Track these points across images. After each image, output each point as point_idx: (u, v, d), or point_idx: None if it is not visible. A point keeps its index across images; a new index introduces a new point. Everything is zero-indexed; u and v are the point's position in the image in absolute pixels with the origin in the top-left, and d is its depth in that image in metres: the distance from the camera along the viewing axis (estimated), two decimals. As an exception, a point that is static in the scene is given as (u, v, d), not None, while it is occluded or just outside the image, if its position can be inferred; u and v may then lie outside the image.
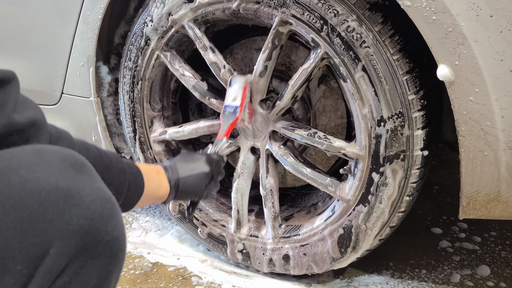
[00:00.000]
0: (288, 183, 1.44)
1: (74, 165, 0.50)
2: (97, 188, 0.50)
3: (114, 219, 0.50)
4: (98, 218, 0.48)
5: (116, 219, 0.51)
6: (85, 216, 0.47)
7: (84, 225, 0.47)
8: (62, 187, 0.47)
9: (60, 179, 0.47)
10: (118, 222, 0.51)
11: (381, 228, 1.08)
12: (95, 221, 0.48)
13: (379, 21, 0.92)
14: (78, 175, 0.49)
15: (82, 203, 0.47)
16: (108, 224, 0.49)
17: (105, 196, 0.51)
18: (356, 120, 1.01)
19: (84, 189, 0.48)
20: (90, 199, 0.48)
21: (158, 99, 1.30)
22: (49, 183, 0.46)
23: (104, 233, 0.49)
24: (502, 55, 0.79)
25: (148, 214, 1.68)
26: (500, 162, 0.87)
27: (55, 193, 0.46)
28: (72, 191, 0.47)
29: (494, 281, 1.25)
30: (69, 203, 0.46)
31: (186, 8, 1.10)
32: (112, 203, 0.51)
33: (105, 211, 0.49)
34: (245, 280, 1.30)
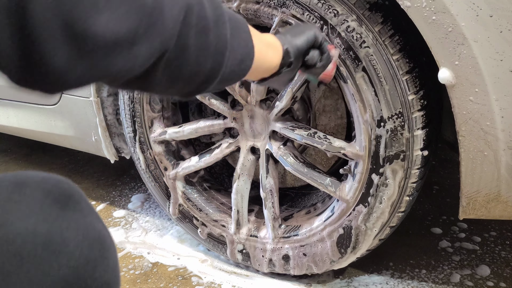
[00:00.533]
0: (288, 183, 1.44)
1: (58, 200, 0.44)
2: (84, 227, 0.44)
3: (104, 262, 0.44)
4: (84, 265, 0.42)
5: (107, 262, 0.45)
6: (68, 265, 0.41)
7: (67, 275, 0.41)
8: (41, 232, 0.40)
9: (40, 221, 0.41)
10: (109, 265, 0.45)
11: (381, 228, 1.08)
12: (80, 268, 0.42)
13: (379, 21, 0.92)
14: (62, 212, 0.43)
15: (64, 249, 0.41)
16: (97, 269, 0.43)
17: (93, 234, 0.44)
18: (356, 121, 1.01)
19: (68, 230, 0.42)
20: (74, 243, 0.42)
21: (158, 99, 1.30)
22: (27, 227, 0.40)
23: (91, 280, 0.43)
24: (502, 55, 0.79)
25: (148, 214, 1.68)
26: (500, 162, 0.87)
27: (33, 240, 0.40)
28: (53, 235, 0.41)
29: (494, 281, 1.25)
30: (49, 250, 0.40)
31: (186, 8, 1.10)
32: (101, 242, 0.45)
33: (92, 254, 0.43)
34: (245, 280, 1.30)
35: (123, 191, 1.87)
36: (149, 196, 1.80)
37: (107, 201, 1.79)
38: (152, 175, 1.36)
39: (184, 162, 1.32)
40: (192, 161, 1.30)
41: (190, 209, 1.35)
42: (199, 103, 1.44)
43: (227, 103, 1.21)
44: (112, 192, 1.86)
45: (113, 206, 1.76)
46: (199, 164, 1.29)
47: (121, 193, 1.85)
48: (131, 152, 1.38)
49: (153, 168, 1.35)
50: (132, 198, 1.80)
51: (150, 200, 1.78)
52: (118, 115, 1.40)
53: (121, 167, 2.02)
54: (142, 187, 1.88)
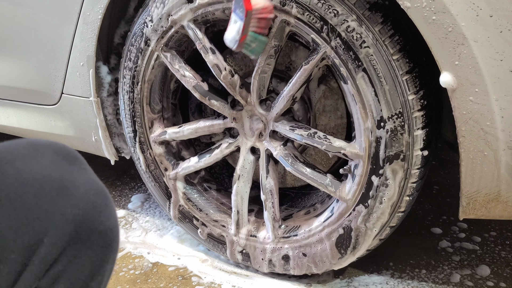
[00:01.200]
0: (288, 183, 1.44)
1: (67, 158, 0.50)
2: (90, 180, 0.51)
3: (107, 210, 0.51)
4: (91, 209, 0.49)
5: (109, 210, 0.51)
6: (78, 206, 0.47)
7: (77, 215, 0.47)
8: (56, 178, 0.47)
9: (54, 170, 0.48)
10: (111, 213, 0.52)
11: (381, 228, 1.08)
12: (88, 211, 0.48)
13: (379, 21, 0.92)
14: (71, 166, 0.50)
15: (75, 194, 0.48)
16: (102, 214, 0.50)
17: (97, 187, 0.51)
18: (356, 122, 1.01)
19: (77, 180, 0.49)
20: (83, 190, 0.49)
21: (158, 99, 1.30)
22: (43, 173, 0.47)
23: (97, 223, 0.49)
24: (502, 55, 0.79)
25: (148, 214, 1.68)
26: (500, 162, 0.87)
27: (48, 184, 0.47)
28: (65, 182, 0.48)
29: (494, 281, 1.25)
30: (63, 193, 0.47)
31: (186, 8, 1.10)
32: (105, 194, 0.52)
33: (98, 201, 0.50)
34: (245, 280, 1.30)
35: (123, 191, 1.87)
36: (149, 196, 1.80)
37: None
38: (152, 175, 1.36)
39: (184, 162, 1.32)
40: (192, 161, 1.30)
41: (190, 209, 1.35)
42: (199, 103, 1.44)
43: (227, 103, 1.21)
44: (112, 192, 1.86)
45: (113, 206, 1.75)
46: (199, 164, 1.29)
47: (121, 193, 1.85)
48: (131, 152, 1.38)
49: (153, 168, 1.35)
50: (132, 198, 1.80)
51: (150, 200, 1.78)
52: (118, 115, 1.40)
53: (121, 167, 2.02)
54: (142, 187, 1.88)
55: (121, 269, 1.38)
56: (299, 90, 1.07)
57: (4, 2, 1.38)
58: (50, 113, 1.46)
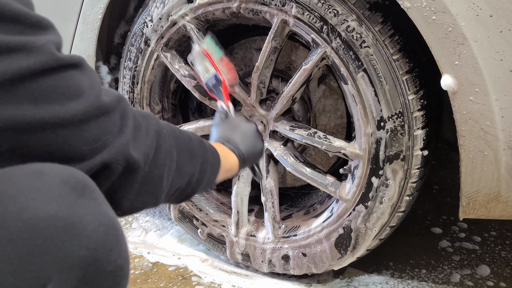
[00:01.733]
0: (288, 183, 1.44)
1: (76, 188, 0.47)
2: (100, 213, 0.48)
3: (118, 247, 0.48)
4: (101, 248, 0.46)
5: (120, 246, 0.48)
6: (87, 247, 0.44)
7: (85, 257, 0.44)
8: (63, 216, 0.44)
9: (61, 207, 0.44)
10: (122, 249, 0.49)
11: (381, 228, 1.08)
12: (98, 251, 0.45)
13: (379, 21, 0.92)
14: (80, 199, 0.47)
15: (83, 233, 0.45)
16: (112, 252, 0.47)
17: (108, 221, 0.48)
18: (356, 122, 1.01)
19: (86, 216, 0.46)
20: (92, 227, 0.45)
21: (158, 99, 1.30)
22: (49, 212, 0.43)
23: (107, 263, 0.46)
24: (502, 55, 0.79)
25: (148, 214, 1.68)
26: (500, 162, 0.87)
27: (54, 223, 0.43)
28: (73, 219, 0.44)
29: (494, 281, 1.25)
30: (70, 233, 0.44)
31: (186, 8, 1.10)
32: (116, 228, 0.49)
33: (108, 238, 0.47)
34: (245, 280, 1.30)
35: (123, 191, 1.86)
36: (149, 196, 1.80)
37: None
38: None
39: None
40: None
41: (191, 209, 1.35)
42: (199, 103, 1.44)
43: (227, 103, 1.21)
44: (112, 192, 1.86)
45: (113, 206, 1.75)
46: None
47: (121, 193, 1.85)
48: (131, 152, 1.38)
49: (153, 168, 1.35)
50: (132, 198, 1.80)
51: (150, 200, 1.78)
52: (118, 115, 1.40)
53: (121, 167, 2.01)
54: (142, 187, 1.88)
55: (121, 269, 1.38)
56: (299, 90, 1.07)
57: (4, 2, 1.37)
58: (50, 113, 1.46)
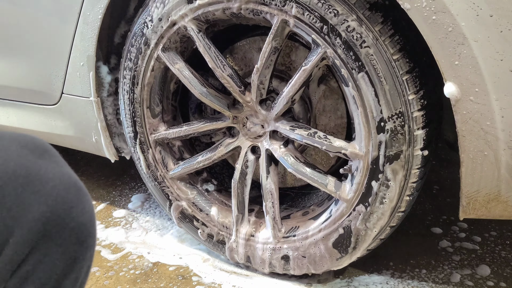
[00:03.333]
0: (288, 183, 1.44)
1: (35, 151, 0.48)
2: (60, 173, 0.48)
3: (79, 205, 0.48)
4: (61, 204, 0.46)
5: (82, 205, 0.49)
6: (46, 203, 0.45)
7: (45, 212, 0.45)
8: (21, 173, 0.45)
9: (19, 165, 0.45)
10: (85, 208, 0.49)
11: (381, 228, 1.08)
12: (58, 207, 0.46)
13: (379, 21, 0.92)
14: (40, 160, 0.47)
15: (42, 189, 0.45)
16: (73, 210, 0.47)
17: (69, 180, 0.48)
18: (357, 122, 1.01)
19: (45, 174, 0.46)
20: (52, 185, 0.46)
21: (158, 100, 1.30)
22: (7, 169, 0.44)
23: (68, 219, 0.47)
24: (502, 55, 0.79)
25: (148, 214, 1.68)
26: (500, 162, 0.87)
27: (13, 180, 0.44)
28: (31, 176, 0.45)
29: (494, 281, 1.25)
30: (29, 189, 0.44)
31: (186, 8, 1.10)
32: (77, 188, 0.49)
33: (69, 196, 0.47)
34: (246, 280, 1.30)
35: (123, 191, 1.87)
36: (149, 196, 1.80)
37: (107, 201, 1.79)
38: (152, 175, 1.36)
39: (184, 162, 1.32)
40: (192, 161, 1.30)
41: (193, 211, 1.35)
42: (199, 103, 1.44)
43: (227, 103, 1.21)
44: (112, 192, 1.86)
45: (113, 206, 1.76)
46: (199, 164, 1.29)
47: (121, 193, 1.85)
48: (131, 152, 1.38)
49: (153, 168, 1.35)
50: (132, 198, 1.80)
51: (150, 200, 1.78)
52: (118, 115, 1.40)
53: (121, 167, 2.02)
54: (142, 187, 1.88)
55: (121, 269, 1.38)
56: (299, 91, 1.07)
57: (4, 2, 1.38)
58: (50, 113, 1.46)
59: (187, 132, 1.27)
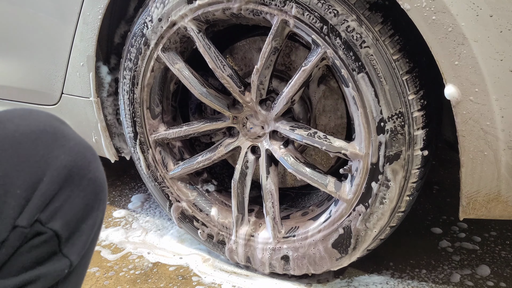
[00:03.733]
0: (288, 183, 1.44)
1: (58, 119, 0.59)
2: (79, 138, 0.58)
3: (95, 162, 0.58)
4: (81, 158, 0.56)
5: (97, 163, 0.59)
6: (70, 155, 0.55)
7: (70, 161, 0.55)
8: (50, 131, 0.55)
9: (48, 126, 0.56)
10: (99, 167, 0.59)
11: (381, 228, 1.08)
12: (79, 160, 0.56)
13: (379, 21, 0.92)
14: (63, 125, 0.58)
15: (67, 144, 0.55)
16: (91, 164, 0.57)
17: (86, 144, 0.58)
18: (357, 121, 1.01)
19: (68, 134, 0.57)
20: (74, 143, 0.56)
21: (158, 100, 1.30)
22: (39, 127, 0.55)
23: (87, 171, 0.56)
24: (502, 55, 0.79)
25: (148, 214, 1.68)
26: (500, 162, 0.87)
27: (44, 135, 0.55)
28: (58, 135, 0.56)
29: (494, 281, 1.25)
30: (57, 143, 0.55)
31: (186, 8, 1.10)
32: (92, 150, 0.59)
33: (87, 153, 0.57)
34: (245, 280, 1.30)
35: (123, 191, 1.87)
36: (149, 196, 1.80)
37: (107, 201, 1.79)
38: (152, 175, 1.36)
39: (184, 162, 1.32)
40: (192, 161, 1.30)
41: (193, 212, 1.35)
42: (199, 103, 1.44)
43: (227, 103, 1.21)
44: (112, 192, 1.86)
45: (113, 206, 1.76)
46: (199, 164, 1.29)
47: (121, 193, 1.85)
48: (131, 152, 1.38)
49: (153, 168, 1.35)
50: (132, 198, 1.80)
51: (150, 200, 1.78)
52: (118, 115, 1.40)
53: (121, 167, 2.02)
54: (142, 187, 1.88)
55: (121, 269, 1.38)
56: (299, 91, 1.07)
57: (4, 2, 1.38)
58: (50, 113, 1.45)
59: (187, 132, 1.27)
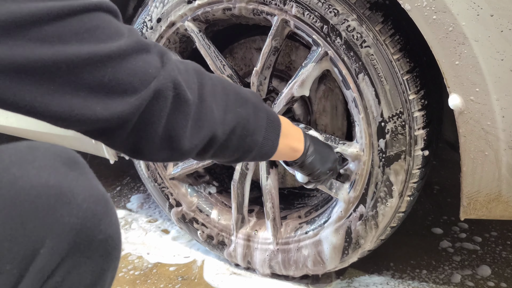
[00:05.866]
0: (288, 183, 1.44)
1: (67, 162, 0.49)
2: (90, 186, 0.49)
3: (107, 218, 0.50)
4: (90, 217, 0.47)
5: (110, 218, 0.50)
6: (77, 215, 0.46)
7: (76, 224, 0.46)
8: (54, 185, 0.46)
9: (52, 177, 0.46)
10: (112, 221, 0.51)
11: (381, 228, 1.07)
12: (88, 219, 0.47)
13: (379, 21, 0.91)
14: (71, 172, 0.49)
15: (74, 201, 0.46)
16: (102, 222, 0.49)
17: (98, 194, 0.50)
18: (357, 126, 1.01)
19: (76, 187, 0.48)
20: (82, 197, 0.47)
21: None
22: (40, 181, 0.45)
23: (97, 231, 0.48)
24: (502, 55, 0.78)
25: (147, 215, 1.68)
26: (501, 162, 0.87)
27: (46, 191, 0.45)
28: (63, 188, 0.46)
29: (495, 281, 1.24)
30: (61, 201, 0.46)
31: (185, 8, 1.09)
32: (106, 201, 0.50)
33: (98, 209, 0.49)
34: (245, 280, 1.30)
35: (122, 191, 1.86)
36: (148, 197, 1.80)
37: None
38: (151, 175, 1.36)
39: (183, 163, 1.32)
40: (192, 161, 1.30)
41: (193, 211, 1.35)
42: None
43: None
44: (111, 193, 1.86)
45: (113, 206, 1.75)
46: (198, 165, 1.28)
47: (121, 194, 1.84)
48: (131, 152, 1.38)
49: (152, 168, 1.35)
50: (131, 199, 1.80)
51: (149, 200, 1.78)
52: (118, 115, 1.40)
53: (120, 167, 2.01)
54: (142, 188, 1.88)
55: (121, 269, 1.37)
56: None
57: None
58: (50, 114, 1.45)
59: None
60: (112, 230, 0.50)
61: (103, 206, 0.50)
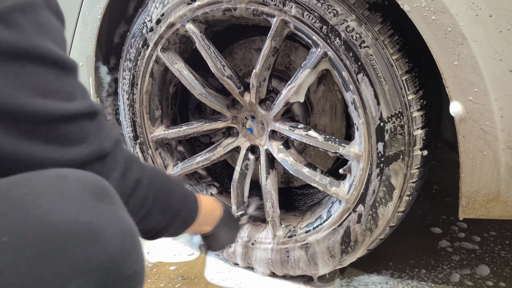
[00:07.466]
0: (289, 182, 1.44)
1: (96, 193, 0.49)
2: (118, 219, 0.49)
3: (135, 252, 0.49)
4: (118, 253, 0.47)
5: (137, 251, 0.50)
6: (105, 252, 0.46)
7: (104, 261, 0.45)
8: (83, 221, 0.45)
9: (82, 212, 0.46)
10: (138, 255, 0.50)
11: (380, 228, 1.08)
12: (116, 256, 0.47)
13: (378, 21, 0.92)
14: (100, 204, 0.48)
15: (102, 238, 0.46)
16: (129, 258, 0.48)
17: (126, 227, 0.49)
18: (357, 126, 1.01)
19: (105, 221, 0.47)
20: (111, 233, 0.47)
21: (157, 101, 1.30)
22: (70, 216, 0.45)
23: (124, 268, 0.47)
24: (501, 55, 0.79)
25: (147, 214, 1.68)
26: (500, 162, 0.87)
27: (75, 227, 0.44)
28: (93, 224, 0.46)
29: (493, 281, 1.25)
30: (90, 238, 0.45)
31: (185, 9, 1.10)
32: (133, 235, 0.50)
33: (126, 244, 0.48)
34: (245, 280, 1.30)
35: (122, 191, 1.86)
36: (148, 196, 1.80)
37: None
38: (151, 175, 1.36)
39: (183, 162, 1.32)
40: (191, 161, 1.30)
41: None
42: (198, 103, 1.44)
43: (227, 103, 1.21)
44: (111, 192, 1.86)
45: (113, 206, 1.75)
46: (198, 164, 1.29)
47: (121, 193, 1.84)
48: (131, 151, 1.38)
49: (152, 168, 1.35)
50: (131, 198, 1.80)
51: (149, 200, 1.78)
52: (118, 115, 1.40)
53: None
54: (142, 187, 1.88)
55: (121, 269, 1.38)
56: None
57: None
58: (50, 113, 1.45)
59: (187, 132, 1.27)
60: (139, 264, 0.50)
61: (130, 240, 0.49)
